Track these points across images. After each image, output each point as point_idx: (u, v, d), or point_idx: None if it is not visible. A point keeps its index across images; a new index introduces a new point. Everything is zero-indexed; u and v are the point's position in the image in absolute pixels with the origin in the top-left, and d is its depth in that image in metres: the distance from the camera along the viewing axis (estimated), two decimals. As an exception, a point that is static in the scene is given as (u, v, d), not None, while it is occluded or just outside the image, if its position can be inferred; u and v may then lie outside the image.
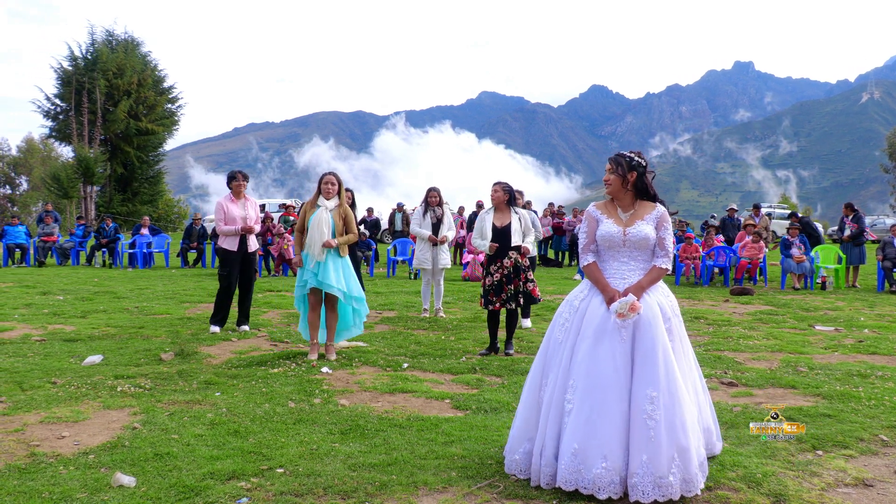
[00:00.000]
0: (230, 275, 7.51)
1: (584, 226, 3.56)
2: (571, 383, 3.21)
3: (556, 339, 3.40)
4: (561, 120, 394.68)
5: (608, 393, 3.12)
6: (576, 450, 3.10)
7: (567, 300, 3.49)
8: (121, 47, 37.55)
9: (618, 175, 3.46)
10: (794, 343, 7.08)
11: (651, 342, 3.19)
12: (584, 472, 3.08)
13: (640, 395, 3.12)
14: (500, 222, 6.56)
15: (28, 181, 47.64)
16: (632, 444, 3.10)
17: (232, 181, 7.62)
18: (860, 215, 13.53)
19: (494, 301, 6.39)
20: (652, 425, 3.07)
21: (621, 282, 3.38)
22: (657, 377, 3.13)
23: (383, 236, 24.12)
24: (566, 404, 3.20)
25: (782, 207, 34.12)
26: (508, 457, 3.43)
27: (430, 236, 8.69)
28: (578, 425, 3.12)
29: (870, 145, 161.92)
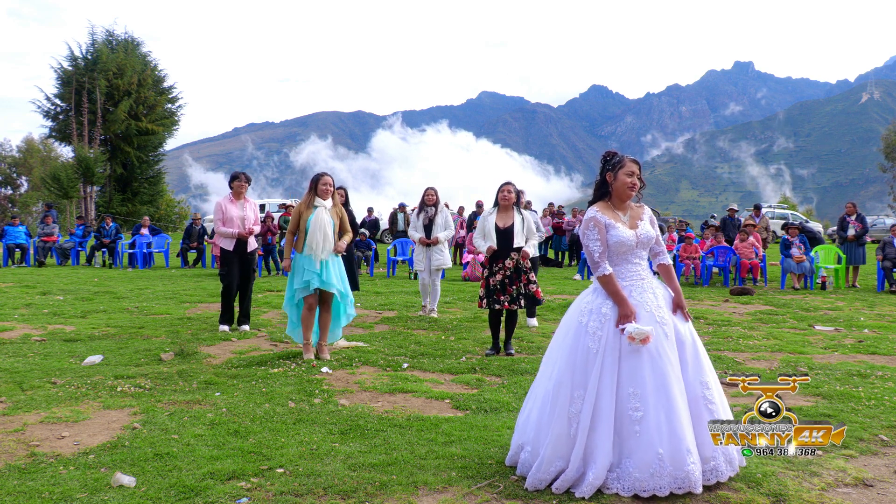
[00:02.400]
0: (229, 273, 7.55)
1: (595, 233, 3.41)
2: (632, 391, 3.15)
3: (590, 349, 3.25)
4: (561, 120, 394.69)
5: (674, 392, 3.15)
6: (661, 455, 3.07)
7: (589, 309, 3.36)
8: (121, 47, 37.53)
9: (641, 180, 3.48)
10: (794, 343, 7.08)
11: (689, 332, 3.36)
12: (676, 473, 3.07)
13: (695, 383, 3.25)
14: (503, 223, 6.56)
15: (28, 181, 47.63)
16: (700, 430, 3.18)
17: (234, 181, 7.64)
18: (863, 215, 13.54)
19: (503, 301, 6.39)
20: (713, 409, 3.24)
21: (640, 282, 3.41)
22: (703, 363, 3.32)
23: (383, 236, 24.12)
24: (633, 412, 3.13)
25: (782, 207, 34.12)
26: (536, 475, 3.23)
27: (420, 238, 8.71)
28: (657, 430, 3.09)
29: (869, 145, 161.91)
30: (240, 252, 7.58)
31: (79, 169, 32.51)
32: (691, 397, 3.22)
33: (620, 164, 3.46)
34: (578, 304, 3.46)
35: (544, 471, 3.22)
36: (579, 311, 3.41)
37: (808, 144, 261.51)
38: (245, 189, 7.67)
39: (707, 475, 3.18)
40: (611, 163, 3.51)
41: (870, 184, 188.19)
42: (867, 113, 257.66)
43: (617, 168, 3.46)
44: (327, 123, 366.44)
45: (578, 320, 3.37)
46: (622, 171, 3.44)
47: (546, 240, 17.46)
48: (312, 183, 6.30)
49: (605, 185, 3.50)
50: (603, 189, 3.51)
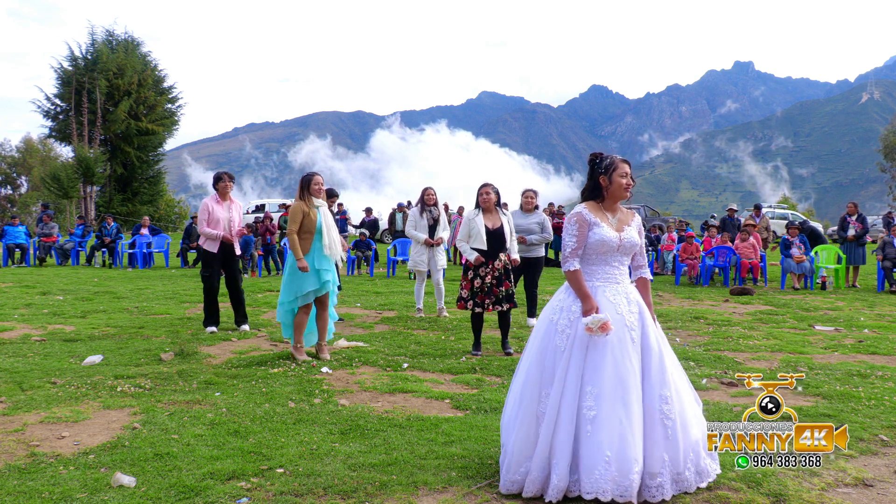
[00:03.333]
0: (211, 276, 7.48)
1: (574, 229, 3.36)
2: (590, 389, 3.11)
3: (558, 347, 3.23)
4: (561, 120, 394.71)
5: (631, 397, 3.09)
6: (609, 458, 3.01)
7: (560, 307, 3.34)
8: (121, 47, 37.52)
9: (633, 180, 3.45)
10: (794, 343, 7.08)
11: (657, 344, 3.26)
12: (620, 480, 3.00)
13: (654, 395, 3.15)
14: (491, 224, 6.56)
15: (28, 181, 47.62)
16: (650, 444, 3.11)
17: (218, 182, 7.57)
18: (864, 215, 13.54)
19: (487, 304, 6.39)
20: (669, 424, 3.13)
21: (615, 285, 3.35)
22: (666, 377, 3.20)
23: (383, 236, 24.12)
24: (587, 412, 3.09)
25: (782, 207, 34.11)
26: (506, 477, 3.21)
27: (426, 239, 8.69)
28: (608, 432, 3.04)
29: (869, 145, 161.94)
30: (223, 254, 7.48)
31: (79, 169, 32.51)
32: (649, 409, 3.14)
33: (613, 166, 3.40)
34: (552, 303, 3.43)
35: (514, 472, 3.18)
36: (551, 309, 3.39)
37: (808, 144, 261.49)
38: (230, 189, 7.57)
39: (652, 491, 3.09)
40: (602, 166, 3.43)
41: (870, 184, 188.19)
42: (867, 113, 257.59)
43: (611, 171, 3.39)
44: (327, 123, 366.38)
45: (549, 318, 3.35)
46: (616, 174, 3.38)
47: (546, 240, 17.47)
48: (304, 183, 6.18)
49: (598, 188, 3.44)
50: (595, 192, 3.45)
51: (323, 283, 6.04)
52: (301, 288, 6.00)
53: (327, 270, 6.07)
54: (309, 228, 6.07)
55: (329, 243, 6.07)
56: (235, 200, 7.66)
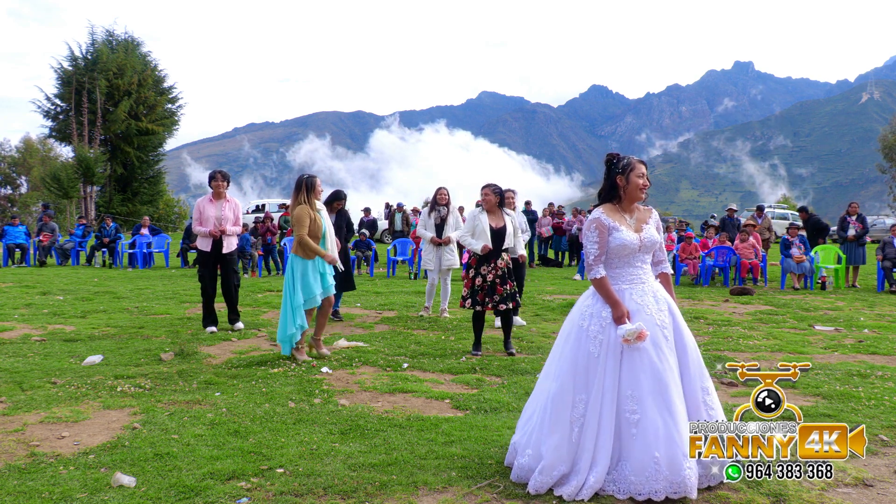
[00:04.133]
0: (204, 275, 7.50)
1: (595, 236, 3.36)
2: (630, 393, 3.15)
3: (591, 354, 3.25)
4: (561, 120, 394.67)
5: (673, 396, 3.14)
6: (657, 458, 3.05)
7: (589, 313, 3.34)
8: (121, 47, 37.50)
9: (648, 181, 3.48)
10: (794, 343, 7.09)
11: (690, 338, 3.37)
12: (672, 478, 3.05)
13: (696, 388, 3.27)
14: (495, 223, 6.59)
15: (28, 181, 47.61)
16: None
17: (212, 181, 7.57)
18: (864, 215, 13.55)
19: (487, 302, 6.39)
20: (713, 414, 3.26)
21: (640, 286, 3.38)
22: (704, 369, 3.34)
23: (382, 236, 24.14)
24: (630, 415, 3.13)
25: (782, 207, 34.11)
26: (537, 479, 3.20)
27: (432, 238, 8.70)
28: (654, 433, 3.08)
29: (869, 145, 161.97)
30: (216, 253, 7.47)
31: (79, 169, 32.50)
32: (693, 402, 3.22)
33: (630, 166, 3.41)
34: (580, 308, 3.44)
35: (547, 474, 3.20)
36: (580, 314, 3.39)
37: (807, 144, 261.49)
38: (224, 188, 7.55)
39: (710, 479, 3.20)
40: (619, 166, 3.43)
41: (870, 184, 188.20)
42: (867, 113, 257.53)
43: (628, 171, 3.40)
44: (327, 123, 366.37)
45: (580, 324, 3.36)
46: (633, 174, 3.39)
47: (546, 240, 17.46)
48: (308, 186, 6.11)
49: (615, 188, 3.44)
50: (612, 193, 3.46)
51: (327, 286, 6.12)
52: (311, 292, 6.03)
53: (329, 274, 6.17)
54: (315, 233, 6.07)
55: (331, 247, 6.14)
56: (232, 199, 7.63)
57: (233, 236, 7.56)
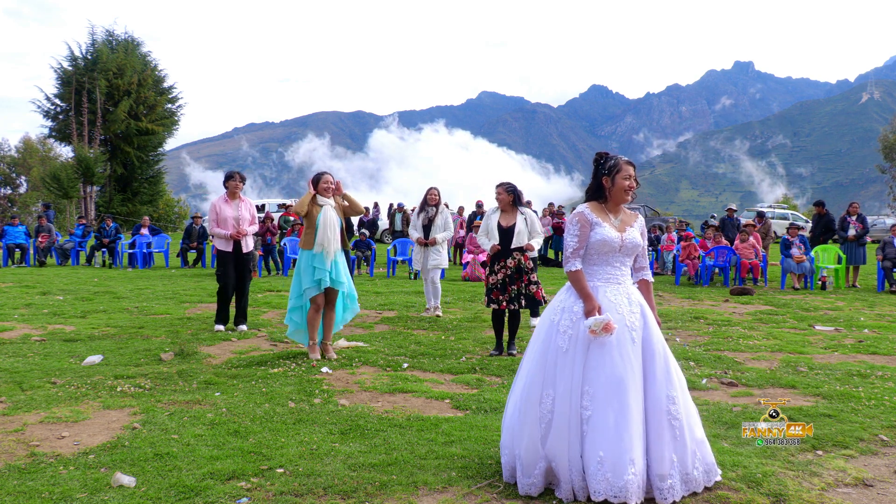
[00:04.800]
0: (225, 274, 7.53)
1: (576, 229, 3.35)
2: (587, 390, 3.11)
3: (560, 348, 3.21)
4: (561, 120, 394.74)
5: (629, 397, 3.08)
6: (601, 458, 3.02)
7: (562, 308, 3.32)
8: (121, 47, 37.51)
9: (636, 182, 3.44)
10: (794, 343, 7.08)
11: (661, 344, 3.26)
12: (614, 480, 2.99)
13: (661, 396, 3.15)
14: (505, 222, 6.59)
15: (27, 181, 47.61)
16: (656, 445, 3.10)
17: (228, 181, 7.62)
18: (864, 215, 13.54)
19: (501, 300, 6.40)
20: (677, 425, 3.14)
21: (616, 286, 3.34)
22: (672, 377, 3.21)
23: (383, 236, 24.14)
24: (583, 411, 3.10)
25: (782, 207, 34.13)
26: (523, 480, 3.20)
27: (417, 238, 8.75)
28: (602, 432, 3.04)
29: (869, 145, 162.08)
30: (236, 252, 7.56)
31: (79, 169, 32.50)
32: (655, 410, 3.14)
33: (617, 168, 3.38)
34: (553, 303, 3.41)
35: (527, 474, 3.18)
36: (553, 309, 3.37)
37: (807, 144, 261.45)
38: (240, 188, 7.65)
39: (664, 493, 3.08)
40: (605, 167, 3.41)
41: (870, 184, 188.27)
42: (867, 113, 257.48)
43: (614, 172, 3.38)
44: (327, 123, 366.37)
45: (551, 319, 3.33)
46: (619, 176, 3.37)
47: (546, 240, 17.47)
48: (314, 182, 6.31)
49: (601, 189, 3.42)
50: (598, 193, 3.44)
51: (316, 280, 6.06)
52: (297, 285, 6.15)
53: (321, 268, 6.07)
54: (311, 224, 6.18)
55: (321, 240, 6.07)
56: (245, 199, 7.72)
57: (250, 236, 7.67)
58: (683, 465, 3.13)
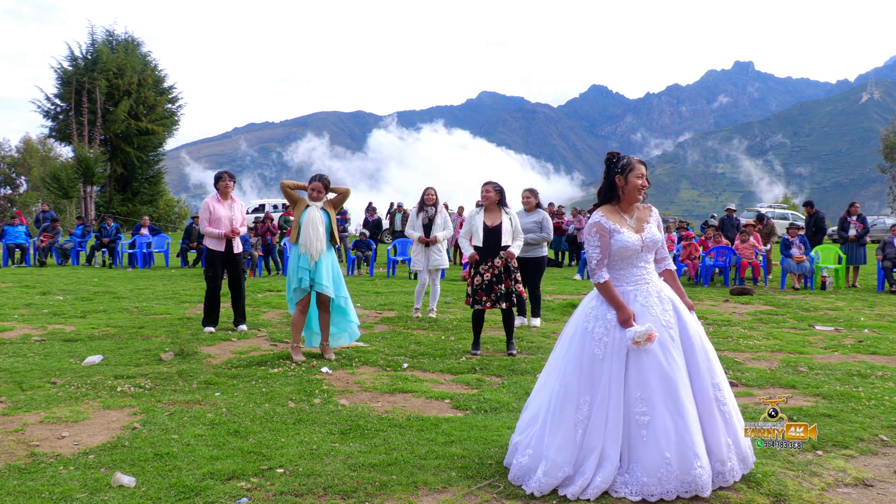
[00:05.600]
0: (215, 275, 7.53)
1: (596, 240, 3.35)
2: (639, 395, 3.16)
3: (596, 356, 3.25)
4: (561, 120, 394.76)
5: (681, 395, 3.15)
6: (668, 458, 3.08)
7: (594, 315, 3.33)
8: (121, 47, 37.52)
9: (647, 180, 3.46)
10: (794, 343, 7.08)
11: (697, 335, 3.37)
12: (683, 477, 3.08)
13: (707, 385, 3.25)
14: (490, 222, 6.57)
15: (27, 181, 47.62)
16: (711, 433, 3.20)
17: (219, 181, 7.63)
18: (864, 215, 13.55)
19: (484, 301, 6.39)
20: (726, 410, 3.26)
21: (645, 286, 3.38)
22: (713, 365, 3.33)
23: (383, 236, 24.14)
24: (640, 417, 3.15)
25: (782, 207, 34.13)
26: (541, 480, 3.20)
27: (419, 237, 8.72)
28: (664, 434, 3.10)
29: (870, 145, 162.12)
30: (227, 252, 7.53)
31: (79, 169, 32.51)
32: (704, 399, 3.22)
33: (630, 166, 3.39)
34: (584, 309, 3.43)
35: (551, 476, 3.20)
36: (584, 316, 3.38)
37: (807, 144, 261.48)
38: (231, 188, 7.64)
39: (725, 476, 3.20)
40: (618, 165, 3.41)
41: (870, 184, 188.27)
42: (867, 113, 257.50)
43: (627, 171, 3.38)
44: (327, 123, 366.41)
45: (584, 326, 3.35)
46: (632, 174, 3.37)
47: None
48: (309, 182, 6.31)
49: (614, 188, 3.42)
50: (611, 193, 3.44)
51: (298, 279, 6.04)
52: (289, 285, 6.16)
53: (303, 268, 6.04)
54: (295, 222, 6.19)
55: (304, 241, 6.03)
56: (237, 199, 7.73)
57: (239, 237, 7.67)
58: (738, 446, 3.28)
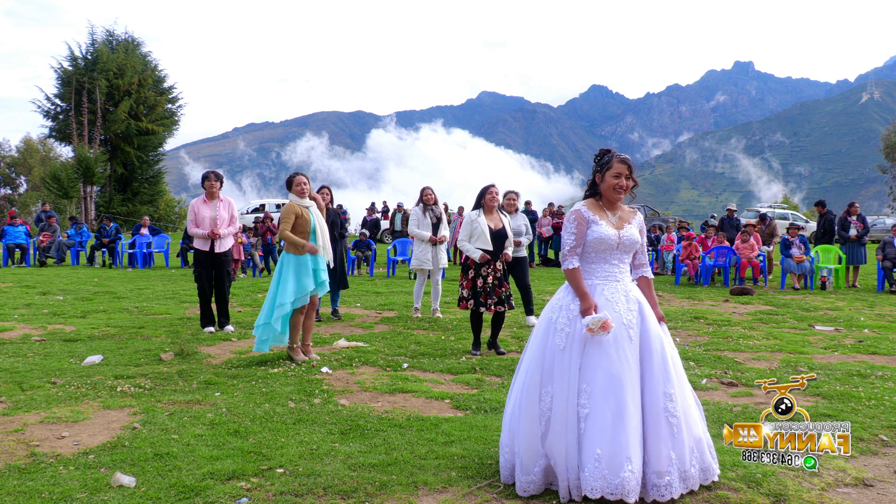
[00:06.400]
0: (201, 275, 7.51)
1: (573, 227, 3.35)
2: (584, 388, 3.12)
3: (557, 346, 3.22)
4: (561, 120, 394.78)
5: (626, 395, 3.08)
6: (599, 455, 3.02)
7: (560, 306, 3.33)
8: (121, 47, 37.55)
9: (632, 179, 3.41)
10: (794, 343, 7.08)
11: (659, 341, 3.24)
12: (610, 478, 2.99)
13: (658, 393, 3.14)
14: (494, 225, 6.59)
15: (27, 181, 47.63)
16: (653, 442, 3.09)
17: (205, 181, 7.60)
18: (864, 215, 13.55)
19: (489, 304, 6.41)
20: (674, 422, 3.12)
21: (614, 283, 3.34)
22: (670, 374, 3.19)
23: (383, 236, 24.14)
24: (580, 409, 3.10)
25: (782, 207, 34.14)
26: (521, 478, 3.19)
27: (430, 237, 8.68)
28: (600, 429, 3.05)
29: (870, 145, 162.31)
30: (211, 253, 7.49)
31: (79, 169, 32.51)
32: (653, 407, 3.13)
33: (608, 165, 3.38)
34: (551, 302, 3.42)
35: (527, 471, 3.18)
36: (551, 307, 3.38)
37: (807, 144, 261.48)
38: (217, 188, 7.58)
39: (661, 490, 3.06)
40: (599, 163, 3.44)
41: (870, 184, 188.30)
42: (867, 113, 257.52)
43: (605, 169, 3.39)
44: (327, 123, 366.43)
45: (549, 317, 3.34)
46: (609, 173, 3.37)
47: (546, 240, 17.46)
48: (287, 184, 6.21)
49: (595, 185, 3.45)
50: (593, 189, 3.46)
51: (321, 282, 6.07)
52: (303, 287, 5.96)
53: (323, 270, 6.11)
54: (303, 228, 6.06)
55: (323, 244, 6.10)
56: (225, 198, 7.65)
57: (227, 237, 7.59)
58: (682, 463, 3.12)
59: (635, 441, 3.05)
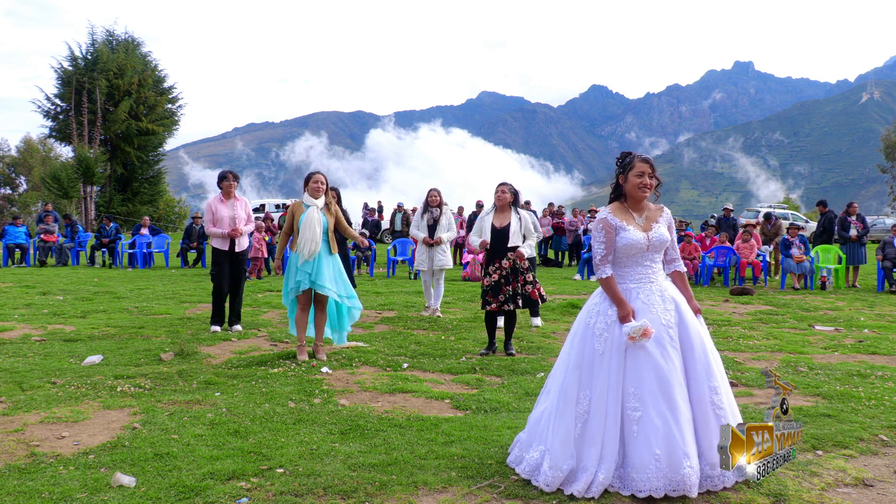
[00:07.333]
0: (219, 273, 7.54)
1: (602, 235, 3.39)
2: (632, 391, 3.18)
3: (596, 351, 3.28)
4: (561, 120, 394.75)
5: (675, 393, 3.15)
6: (658, 455, 3.09)
7: (597, 311, 3.38)
8: (121, 47, 37.54)
9: (655, 177, 3.45)
10: (794, 343, 7.08)
11: (699, 337, 3.33)
12: (672, 475, 3.08)
13: (703, 387, 3.22)
14: (499, 223, 6.57)
15: (28, 181, 47.63)
16: (704, 436, 3.17)
17: (222, 181, 7.62)
18: (863, 215, 13.55)
19: (491, 301, 6.40)
20: (721, 414, 3.22)
21: (648, 285, 3.38)
22: (712, 368, 3.28)
23: (383, 236, 24.14)
24: (632, 412, 3.16)
25: (782, 208, 34.14)
26: (547, 474, 3.22)
27: (424, 238, 8.75)
28: (654, 431, 3.11)
29: (869, 145, 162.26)
30: (231, 252, 7.55)
31: (79, 169, 32.51)
32: (700, 401, 3.21)
33: (630, 165, 3.44)
34: (588, 305, 3.47)
35: (557, 468, 3.23)
36: (588, 312, 3.43)
37: (807, 144, 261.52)
38: (234, 188, 7.63)
39: (715, 480, 3.18)
40: (621, 165, 3.49)
41: (870, 184, 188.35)
42: (867, 113, 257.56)
43: (627, 170, 3.44)
44: (327, 123, 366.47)
45: (587, 321, 3.40)
46: (632, 173, 3.41)
47: (546, 240, 17.45)
48: (305, 182, 6.32)
49: (619, 187, 3.50)
50: (617, 191, 3.51)
51: (297, 281, 6.05)
52: (285, 284, 6.20)
53: (302, 270, 6.04)
54: (296, 228, 6.17)
55: (299, 242, 6.05)
56: (241, 198, 7.72)
57: (245, 236, 7.66)
58: None
59: (690, 437, 3.13)
